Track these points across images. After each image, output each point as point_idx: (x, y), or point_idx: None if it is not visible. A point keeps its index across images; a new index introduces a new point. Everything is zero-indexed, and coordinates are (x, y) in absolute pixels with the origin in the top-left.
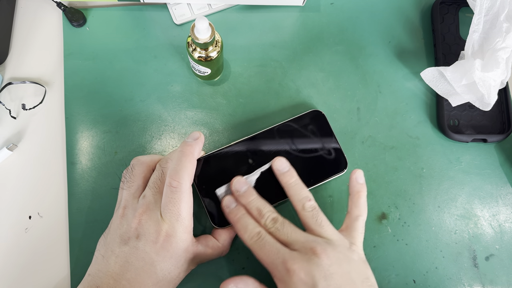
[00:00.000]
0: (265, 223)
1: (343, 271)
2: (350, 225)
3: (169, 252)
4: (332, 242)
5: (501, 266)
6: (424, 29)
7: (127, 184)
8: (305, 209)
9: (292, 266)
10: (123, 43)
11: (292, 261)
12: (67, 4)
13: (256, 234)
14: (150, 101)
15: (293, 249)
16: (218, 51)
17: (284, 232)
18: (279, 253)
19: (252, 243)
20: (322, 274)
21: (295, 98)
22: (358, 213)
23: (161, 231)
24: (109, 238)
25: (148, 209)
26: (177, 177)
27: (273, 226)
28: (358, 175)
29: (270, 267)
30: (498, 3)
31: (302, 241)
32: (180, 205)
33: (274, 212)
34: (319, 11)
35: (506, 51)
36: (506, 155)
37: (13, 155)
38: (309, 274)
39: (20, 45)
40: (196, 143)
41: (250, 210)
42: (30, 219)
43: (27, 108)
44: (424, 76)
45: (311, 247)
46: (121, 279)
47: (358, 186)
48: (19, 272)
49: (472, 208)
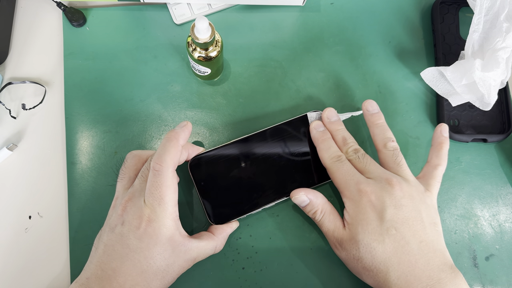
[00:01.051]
0: (347, 150)
1: (414, 206)
2: (428, 173)
3: (152, 238)
4: (409, 181)
5: (501, 266)
6: (424, 29)
7: (120, 176)
8: (387, 148)
9: (365, 188)
10: (123, 43)
11: (365, 184)
12: (67, 4)
13: (336, 156)
14: (150, 101)
15: (369, 177)
16: (218, 51)
17: (364, 161)
18: (354, 175)
19: (331, 162)
20: (393, 202)
21: (295, 98)
22: (437, 162)
23: (143, 216)
24: (102, 230)
25: (133, 196)
26: (159, 161)
27: (353, 155)
28: (443, 128)
29: (342, 186)
30: (498, 3)
31: (379, 172)
32: (162, 189)
33: (357, 144)
34: (319, 11)
35: (506, 51)
36: (506, 155)
37: (13, 155)
38: (379, 199)
39: (20, 45)
40: (181, 130)
41: (335, 137)
42: (30, 219)
43: (27, 108)
44: (424, 76)
45: (386, 177)
46: (107, 268)
47: (442, 138)
48: (19, 272)
49: (472, 208)
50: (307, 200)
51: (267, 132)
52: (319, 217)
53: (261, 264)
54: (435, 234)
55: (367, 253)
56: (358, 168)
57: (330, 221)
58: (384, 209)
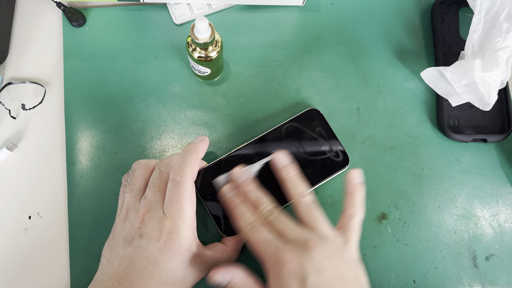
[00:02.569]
0: (261, 213)
1: (334, 267)
2: (344, 224)
3: (172, 250)
4: (326, 238)
5: (501, 266)
6: (424, 29)
7: (129, 187)
8: (300, 205)
9: (284, 257)
10: (123, 43)
11: (284, 252)
12: (67, 4)
13: (250, 223)
14: (150, 101)
15: (286, 241)
16: (218, 51)
17: (279, 224)
18: (271, 243)
19: (246, 231)
20: (313, 267)
21: (295, 98)
22: (352, 212)
23: (164, 228)
24: (114, 242)
25: (150, 208)
26: (180, 172)
27: (268, 216)
28: (352, 176)
29: (262, 256)
30: (498, 3)
31: (296, 234)
32: (182, 200)
33: (270, 204)
34: (319, 11)
35: (506, 51)
36: (506, 155)
37: (13, 155)
38: (300, 267)
39: (20, 45)
40: (201, 143)
41: (247, 200)
42: (30, 219)
43: (27, 108)
44: (424, 76)
45: (304, 240)
46: (125, 281)
47: (352, 186)
48: (19, 272)
49: (472, 208)
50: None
51: (269, 135)
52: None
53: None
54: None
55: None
56: (276, 230)
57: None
58: (306, 277)
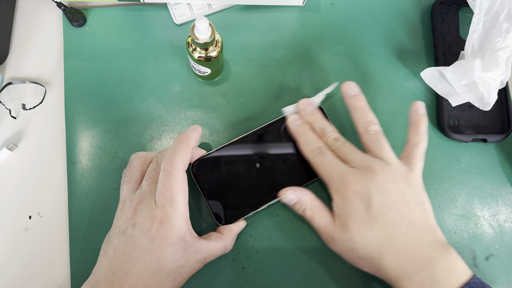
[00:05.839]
0: (327, 140)
1: (398, 189)
2: (409, 152)
3: (164, 239)
4: (391, 164)
5: (501, 266)
6: (424, 29)
7: (126, 178)
8: (368, 132)
9: (349, 178)
10: (123, 43)
11: (349, 174)
12: (67, 4)
13: (317, 148)
14: (150, 101)
15: (351, 166)
16: (218, 51)
17: (345, 150)
18: (337, 166)
19: (312, 155)
20: (377, 188)
21: (295, 98)
22: (417, 141)
23: (155, 218)
24: (111, 233)
25: (143, 198)
26: (170, 162)
27: (334, 144)
28: (418, 107)
29: (327, 178)
30: (498, 3)
31: (361, 159)
32: (173, 189)
33: (336, 132)
34: (319, 11)
35: (506, 51)
36: (506, 155)
37: (13, 155)
38: (364, 187)
39: (20, 45)
40: (192, 133)
41: (314, 128)
42: (30, 219)
43: (27, 108)
44: (424, 76)
45: (369, 165)
46: (119, 271)
47: (417, 116)
48: (19, 272)
49: (472, 208)
50: (295, 198)
51: (270, 127)
52: (308, 214)
53: (261, 264)
54: (423, 213)
55: (359, 242)
56: (340, 157)
57: (320, 217)
58: (370, 197)
